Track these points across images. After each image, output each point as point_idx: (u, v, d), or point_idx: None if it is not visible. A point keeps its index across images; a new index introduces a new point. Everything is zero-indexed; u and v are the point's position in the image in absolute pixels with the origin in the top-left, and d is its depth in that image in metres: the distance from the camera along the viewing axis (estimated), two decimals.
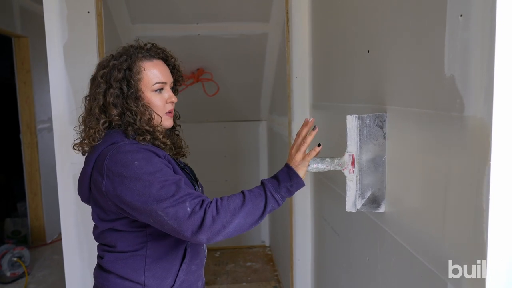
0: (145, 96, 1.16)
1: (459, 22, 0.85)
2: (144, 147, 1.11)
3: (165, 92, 1.20)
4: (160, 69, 1.19)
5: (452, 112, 0.88)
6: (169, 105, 1.21)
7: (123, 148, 1.09)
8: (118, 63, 1.16)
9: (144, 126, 1.14)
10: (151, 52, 1.20)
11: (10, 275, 3.46)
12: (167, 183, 1.04)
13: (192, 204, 1.02)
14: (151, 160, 1.07)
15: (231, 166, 4.11)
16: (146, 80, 1.16)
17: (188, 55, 3.18)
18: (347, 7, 1.64)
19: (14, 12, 3.71)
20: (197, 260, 1.24)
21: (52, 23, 2.05)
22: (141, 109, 1.14)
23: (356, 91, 1.53)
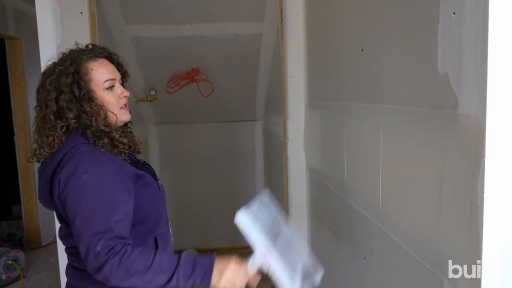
0: (98, 96, 1.17)
1: (452, 20, 0.85)
2: (102, 160, 1.13)
3: (117, 88, 1.22)
4: (107, 67, 1.21)
5: (446, 109, 0.88)
6: (122, 100, 1.23)
7: (81, 156, 1.11)
8: (64, 68, 1.16)
9: (100, 127, 1.16)
10: (94, 52, 1.21)
11: (5, 278, 3.44)
12: (99, 209, 1.07)
13: (104, 246, 1.04)
14: (100, 178, 1.09)
15: (227, 167, 4.09)
16: (96, 79, 1.18)
17: (182, 55, 3.18)
18: (341, 6, 1.64)
19: (7, 14, 3.68)
20: (168, 247, 1.28)
21: (45, 24, 2.04)
22: (96, 109, 1.16)
23: (351, 90, 1.53)
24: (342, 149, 1.63)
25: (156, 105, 3.65)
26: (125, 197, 1.11)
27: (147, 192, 1.19)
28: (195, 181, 4.07)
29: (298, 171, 2.38)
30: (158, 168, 3.99)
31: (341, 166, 1.64)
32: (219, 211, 4.13)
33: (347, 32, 1.56)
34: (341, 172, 1.65)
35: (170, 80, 3.39)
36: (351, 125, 1.55)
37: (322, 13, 1.96)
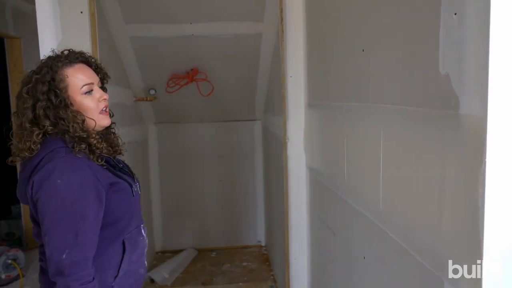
0: (75, 102, 1.20)
1: (453, 20, 0.85)
2: (78, 166, 1.14)
3: (95, 92, 1.24)
4: (84, 72, 1.23)
5: (447, 110, 0.88)
6: (102, 103, 1.25)
7: (58, 160, 1.13)
8: (41, 76, 1.18)
9: (78, 132, 1.18)
10: (70, 58, 1.23)
11: (5, 277, 3.44)
12: (69, 215, 1.11)
13: (69, 256, 1.10)
14: (73, 184, 1.12)
15: (226, 166, 4.10)
16: (72, 85, 1.20)
17: (182, 55, 3.18)
18: (341, 6, 1.64)
19: (7, 13, 3.68)
20: (137, 250, 1.31)
21: (45, 23, 2.03)
22: (72, 116, 1.18)
23: (351, 90, 1.54)
24: (342, 149, 1.63)
25: (156, 105, 3.65)
26: (96, 205, 1.15)
27: (119, 198, 1.22)
28: (194, 180, 4.07)
29: (298, 170, 2.38)
30: (157, 167, 3.99)
31: (341, 166, 1.65)
32: (218, 211, 4.14)
33: (347, 32, 1.56)
34: (341, 171, 1.66)
35: (170, 79, 3.39)
36: (351, 125, 1.55)
37: (322, 12, 1.96)
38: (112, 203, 1.20)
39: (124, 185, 1.25)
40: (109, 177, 1.21)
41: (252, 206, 4.16)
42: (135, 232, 1.30)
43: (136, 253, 1.30)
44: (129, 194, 1.26)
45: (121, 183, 1.24)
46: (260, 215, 4.16)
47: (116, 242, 1.25)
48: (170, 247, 4.09)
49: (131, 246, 1.28)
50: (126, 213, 1.26)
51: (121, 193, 1.23)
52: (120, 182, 1.23)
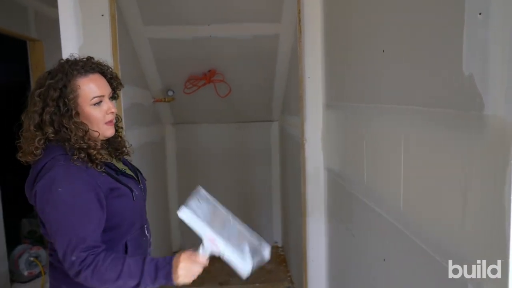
0: (83, 111, 1.22)
1: (477, 20, 0.84)
2: (77, 174, 1.17)
3: (104, 104, 1.25)
4: (97, 83, 1.24)
5: (471, 111, 0.87)
6: (109, 116, 1.27)
7: (57, 169, 1.16)
8: (54, 82, 1.20)
9: (78, 142, 1.19)
10: (85, 67, 1.24)
11: (27, 274, 3.52)
12: (73, 221, 1.15)
13: (78, 256, 1.13)
14: (73, 192, 1.16)
15: (243, 167, 4.11)
16: (83, 96, 1.21)
17: (200, 56, 3.20)
18: (360, 6, 1.63)
19: (29, 17, 3.76)
20: (140, 250, 1.34)
21: (67, 27, 2.08)
22: (74, 126, 1.19)
23: (371, 91, 1.52)
24: (362, 150, 1.62)
25: (174, 106, 3.68)
26: (97, 209, 1.18)
27: (120, 203, 1.24)
28: (211, 181, 4.09)
29: (316, 171, 2.38)
30: (174, 167, 4.03)
31: (361, 167, 1.64)
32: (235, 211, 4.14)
33: (367, 32, 1.55)
34: (360, 173, 1.64)
35: (188, 80, 3.42)
36: (371, 126, 1.54)
37: (340, 13, 1.95)
38: (113, 208, 1.22)
39: (124, 191, 1.26)
40: (110, 182, 1.23)
41: (268, 207, 4.16)
42: (137, 234, 1.33)
43: (139, 252, 1.33)
44: (129, 199, 1.27)
45: (121, 188, 1.25)
46: (276, 216, 4.16)
47: (118, 245, 1.27)
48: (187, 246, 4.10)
49: (133, 247, 1.31)
50: (127, 218, 1.28)
51: (122, 199, 1.25)
52: (120, 187, 1.25)
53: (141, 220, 1.36)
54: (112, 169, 1.28)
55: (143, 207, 1.39)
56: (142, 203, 1.37)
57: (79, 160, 1.18)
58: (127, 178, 1.33)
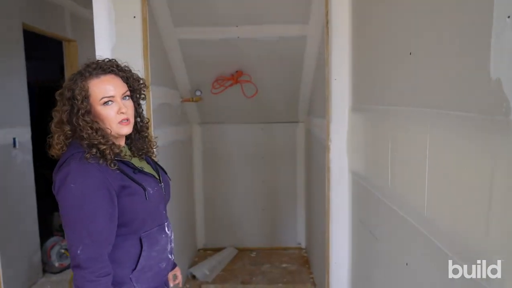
0: (95, 110, 1.29)
1: (506, 24, 0.83)
2: (89, 171, 1.23)
3: (114, 104, 1.31)
4: (108, 84, 1.31)
5: (497, 115, 0.86)
6: (120, 116, 1.31)
7: (72, 165, 1.23)
8: (70, 83, 1.30)
9: (90, 138, 1.26)
10: (98, 69, 1.31)
11: (58, 265, 3.67)
12: (81, 216, 1.21)
13: (82, 259, 1.20)
14: (84, 188, 1.21)
15: (268, 168, 4.13)
16: (94, 96, 1.29)
17: (227, 57, 3.25)
18: (388, 9, 1.62)
19: (65, 18, 3.91)
20: (157, 247, 1.38)
21: (101, 28, 2.16)
22: (85, 124, 1.26)
23: (397, 93, 1.52)
24: (387, 153, 1.61)
25: (201, 106, 3.75)
26: (108, 205, 1.23)
27: (130, 201, 1.29)
28: (237, 180, 4.14)
29: (340, 174, 2.37)
30: (200, 166, 4.09)
31: (385, 170, 1.63)
32: (259, 212, 4.18)
33: (394, 34, 1.54)
34: (385, 176, 1.63)
35: (215, 81, 3.47)
36: (396, 129, 1.53)
37: (368, 15, 1.94)
38: (124, 206, 1.27)
39: (136, 189, 1.30)
40: (122, 180, 1.27)
41: (292, 208, 4.16)
42: (155, 231, 1.37)
43: (156, 249, 1.37)
44: (141, 197, 1.31)
45: (132, 187, 1.29)
46: (300, 217, 4.16)
47: (131, 239, 1.32)
48: (211, 245, 4.18)
49: (149, 243, 1.35)
50: (138, 215, 1.31)
51: (133, 197, 1.29)
52: (131, 185, 1.29)
53: (159, 218, 1.39)
54: (130, 167, 1.33)
55: (161, 205, 1.42)
56: (160, 201, 1.40)
57: (92, 157, 1.24)
58: (145, 176, 1.36)
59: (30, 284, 3.44)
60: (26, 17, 3.39)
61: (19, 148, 3.32)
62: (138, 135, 1.46)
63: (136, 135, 1.45)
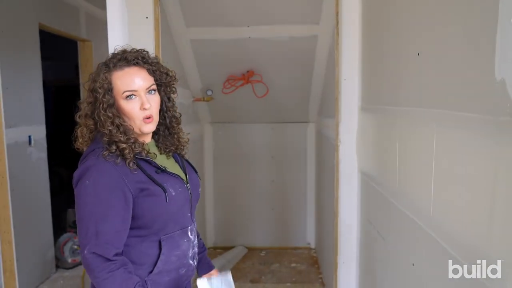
0: (119, 105, 1.22)
1: (510, 26, 0.84)
2: (105, 170, 1.17)
3: (138, 99, 1.23)
4: (131, 77, 1.22)
5: (501, 116, 0.86)
6: (142, 112, 1.23)
7: (89, 162, 1.19)
8: (95, 75, 1.23)
9: (112, 136, 1.20)
10: (122, 61, 1.23)
11: (71, 261, 3.73)
12: (93, 215, 1.16)
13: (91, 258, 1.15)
14: (97, 187, 1.17)
15: (278, 167, 4.15)
16: (117, 89, 1.22)
17: (239, 57, 3.27)
18: (397, 10, 1.63)
19: (80, 18, 3.99)
20: (178, 251, 1.29)
21: (114, 28, 2.19)
22: (105, 119, 1.20)
23: (405, 94, 1.52)
24: (394, 153, 1.61)
25: (212, 105, 3.78)
26: (121, 206, 1.17)
27: (149, 203, 1.21)
28: (247, 179, 4.16)
29: (349, 174, 2.38)
30: (211, 165, 4.13)
31: (393, 171, 1.63)
32: (269, 211, 4.19)
33: (403, 35, 1.55)
34: (392, 176, 1.64)
35: (226, 80, 3.50)
36: (404, 130, 1.54)
37: (378, 16, 1.95)
38: (142, 207, 1.21)
39: (155, 191, 1.22)
40: (140, 181, 1.20)
41: (302, 208, 4.17)
42: (177, 234, 1.28)
43: (176, 254, 1.28)
44: (161, 199, 1.22)
45: (150, 188, 1.21)
46: (310, 217, 4.16)
47: (149, 240, 1.25)
48: (221, 243, 4.21)
49: (170, 246, 1.27)
50: (158, 218, 1.24)
51: (152, 198, 1.21)
52: (150, 187, 1.21)
53: (181, 221, 1.30)
54: (152, 166, 1.25)
55: (186, 207, 1.32)
56: (184, 204, 1.31)
57: (110, 155, 1.18)
58: (169, 176, 1.27)
59: (44, 279, 3.52)
60: (42, 17, 3.47)
61: (34, 145, 3.39)
62: (167, 131, 1.36)
63: (165, 131, 1.36)
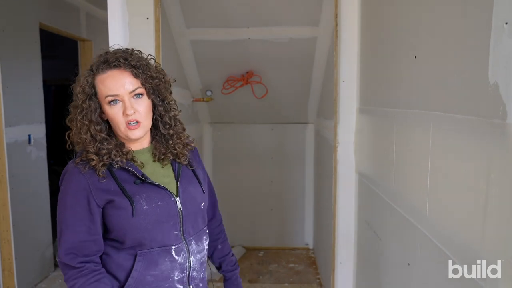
0: (104, 110, 1.16)
1: (504, 30, 0.85)
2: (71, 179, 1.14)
3: (121, 104, 1.15)
4: (113, 81, 1.14)
5: (494, 119, 0.88)
6: (126, 117, 1.14)
7: (65, 169, 1.18)
8: (78, 77, 1.18)
9: (84, 143, 1.15)
10: (103, 64, 1.16)
11: None
12: (62, 221, 1.14)
13: (63, 265, 1.13)
14: (64, 195, 1.14)
15: (277, 168, 4.16)
16: (100, 93, 1.15)
17: (238, 58, 3.29)
18: (395, 13, 1.65)
19: (81, 18, 4.00)
20: (155, 271, 1.16)
21: (115, 28, 2.21)
22: (84, 126, 1.15)
23: (402, 96, 1.54)
24: (391, 155, 1.63)
25: (212, 105, 3.80)
26: (84, 214, 1.12)
27: (116, 216, 1.13)
28: (246, 180, 4.17)
29: (347, 175, 2.39)
30: (210, 166, 4.14)
31: (390, 172, 1.65)
32: (268, 211, 4.21)
33: (400, 38, 1.57)
34: (389, 177, 1.66)
35: (226, 81, 3.52)
36: (400, 131, 1.55)
37: (376, 19, 1.97)
38: (110, 220, 1.14)
39: (121, 203, 1.12)
40: (108, 191, 1.12)
41: (301, 209, 4.19)
42: (155, 252, 1.16)
43: (152, 273, 1.15)
44: (126, 212, 1.12)
45: (116, 200, 1.12)
46: (308, 218, 4.18)
47: (126, 252, 1.16)
48: None
49: (145, 264, 1.15)
50: (126, 233, 1.13)
51: (118, 211, 1.13)
52: (115, 199, 1.12)
53: (161, 239, 1.16)
54: (131, 175, 1.16)
55: (169, 223, 1.17)
56: (165, 220, 1.16)
57: (81, 162, 1.14)
58: (149, 187, 1.16)
59: (42, 278, 3.53)
60: (43, 17, 3.48)
61: (34, 144, 3.41)
62: (163, 137, 1.25)
63: (161, 137, 1.25)
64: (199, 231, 1.26)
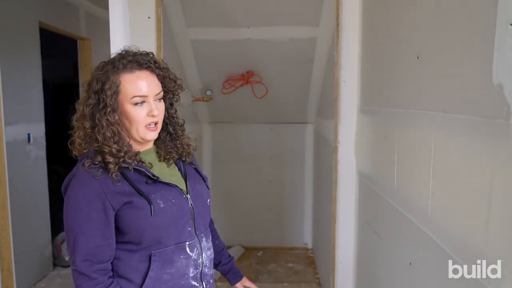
0: (123, 109, 1.14)
1: (508, 31, 0.86)
2: (84, 183, 1.11)
3: (146, 106, 1.15)
4: (142, 81, 1.14)
5: (498, 119, 0.89)
6: (149, 118, 1.15)
7: (74, 172, 1.14)
8: (100, 74, 1.13)
9: (103, 146, 1.12)
10: (133, 63, 1.15)
11: (68, 259, 3.74)
12: (72, 227, 1.11)
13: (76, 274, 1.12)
14: (75, 201, 1.11)
15: (276, 168, 4.17)
16: (125, 92, 1.13)
17: (238, 58, 3.29)
18: (397, 13, 1.65)
19: (80, 17, 4.00)
20: (171, 269, 1.18)
21: (116, 27, 2.21)
22: (107, 124, 1.12)
23: (404, 96, 1.54)
24: (393, 155, 1.64)
25: (211, 105, 3.80)
26: (101, 220, 1.11)
27: (134, 216, 1.13)
28: (245, 179, 4.18)
29: (348, 175, 2.40)
30: (210, 165, 4.14)
31: (391, 172, 1.65)
32: (267, 211, 4.21)
33: (402, 38, 1.57)
34: (390, 177, 1.66)
35: (226, 81, 3.52)
36: (402, 131, 1.56)
37: (378, 19, 1.97)
38: (127, 221, 1.13)
39: (139, 203, 1.13)
40: (124, 193, 1.12)
41: (300, 209, 4.19)
42: (170, 250, 1.17)
43: (169, 272, 1.17)
44: (145, 212, 1.13)
45: (134, 201, 1.13)
46: (307, 218, 4.18)
47: (139, 255, 1.16)
48: None
49: (161, 262, 1.16)
50: (144, 233, 1.14)
51: (136, 211, 1.13)
52: (133, 200, 1.12)
53: (176, 236, 1.18)
54: (143, 176, 1.17)
55: (183, 220, 1.20)
56: (181, 216, 1.19)
57: (92, 166, 1.11)
58: (162, 186, 1.18)
59: (41, 277, 3.52)
60: (43, 15, 3.47)
61: (33, 143, 3.40)
62: (169, 137, 1.29)
63: (167, 137, 1.29)
64: (207, 228, 1.31)
